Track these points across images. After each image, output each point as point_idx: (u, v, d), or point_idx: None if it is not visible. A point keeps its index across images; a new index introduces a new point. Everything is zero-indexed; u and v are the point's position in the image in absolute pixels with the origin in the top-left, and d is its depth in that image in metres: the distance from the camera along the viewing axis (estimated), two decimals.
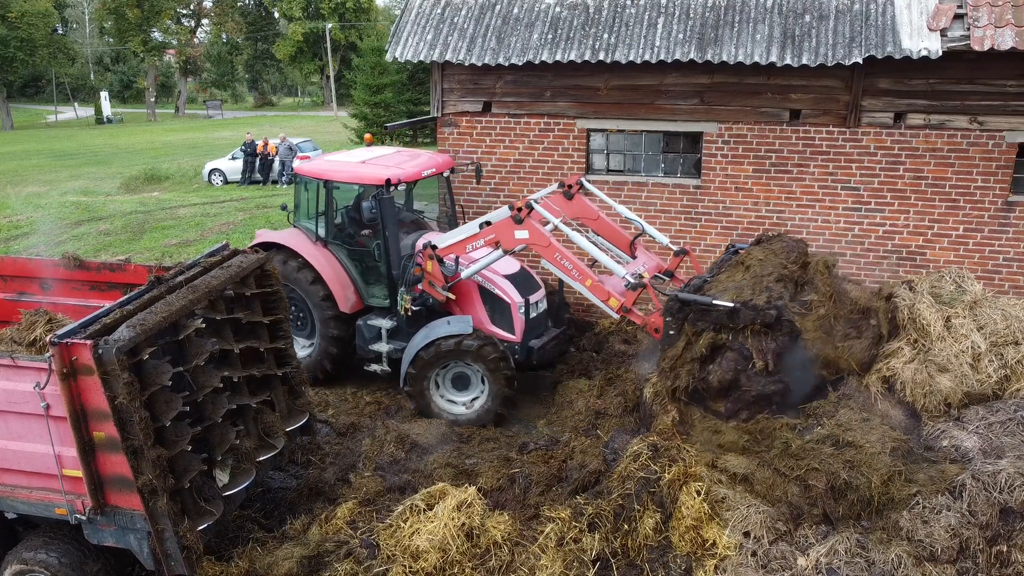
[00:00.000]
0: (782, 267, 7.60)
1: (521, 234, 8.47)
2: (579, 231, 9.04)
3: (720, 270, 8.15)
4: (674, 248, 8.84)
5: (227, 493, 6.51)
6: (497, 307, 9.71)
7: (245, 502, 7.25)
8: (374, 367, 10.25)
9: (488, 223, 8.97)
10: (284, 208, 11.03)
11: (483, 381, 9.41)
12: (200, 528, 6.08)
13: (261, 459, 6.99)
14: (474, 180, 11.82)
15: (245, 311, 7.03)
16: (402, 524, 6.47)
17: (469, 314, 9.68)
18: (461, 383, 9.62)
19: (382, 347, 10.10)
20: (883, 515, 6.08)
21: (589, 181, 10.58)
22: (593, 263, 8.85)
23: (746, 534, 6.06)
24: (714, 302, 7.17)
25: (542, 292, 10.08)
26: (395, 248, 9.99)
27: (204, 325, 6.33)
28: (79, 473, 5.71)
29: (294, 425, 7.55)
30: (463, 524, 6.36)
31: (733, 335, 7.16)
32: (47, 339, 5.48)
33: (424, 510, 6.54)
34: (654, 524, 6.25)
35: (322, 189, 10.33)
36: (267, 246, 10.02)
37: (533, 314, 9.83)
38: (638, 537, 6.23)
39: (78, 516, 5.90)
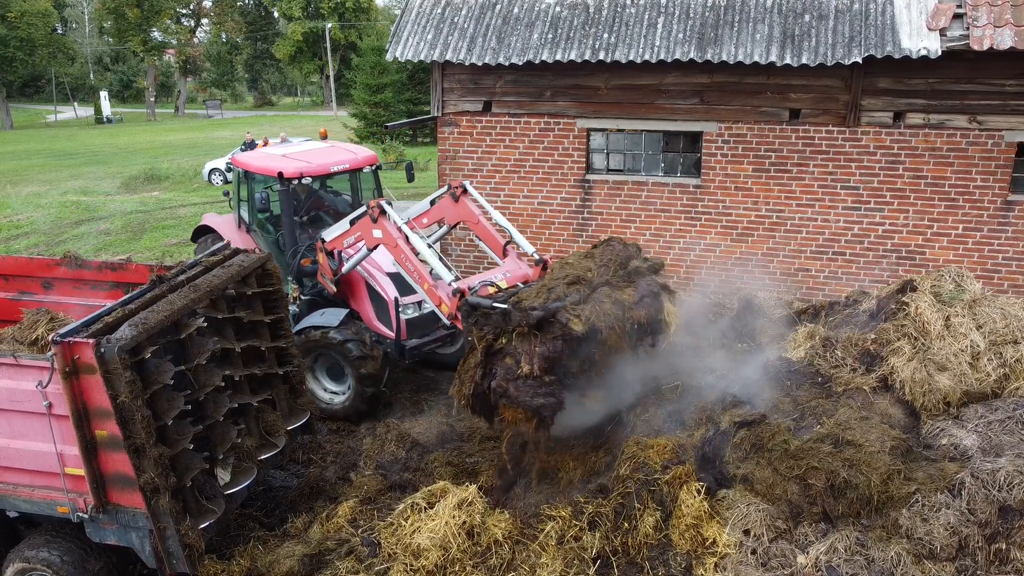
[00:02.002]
0: (587, 270, 7.27)
1: (376, 232, 8.69)
2: (494, 224, 9.04)
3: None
4: (536, 257, 8.74)
5: (228, 491, 6.53)
6: (380, 303, 9.88)
7: (246, 501, 7.28)
8: None
9: (353, 221, 9.14)
10: (227, 195, 11.72)
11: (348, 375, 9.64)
12: (202, 526, 6.10)
13: (262, 458, 7.02)
14: (471, 180, 11.82)
15: (246, 310, 7.05)
16: (403, 522, 6.49)
17: (359, 308, 9.95)
18: (337, 374, 9.82)
19: None
20: (882, 513, 6.09)
21: (591, 179, 10.57)
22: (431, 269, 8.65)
23: (746, 532, 6.08)
24: (493, 304, 6.82)
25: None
26: (290, 239, 10.37)
27: (205, 324, 6.35)
28: (81, 471, 5.72)
29: (295, 424, 7.58)
30: (464, 522, 6.38)
31: (509, 339, 6.77)
32: (49, 338, 5.49)
33: (425, 508, 6.56)
34: (654, 522, 6.27)
35: (244, 179, 10.96)
36: (204, 229, 11.46)
37: (415, 313, 9.83)
38: (638, 535, 6.25)
39: (80, 514, 5.91)
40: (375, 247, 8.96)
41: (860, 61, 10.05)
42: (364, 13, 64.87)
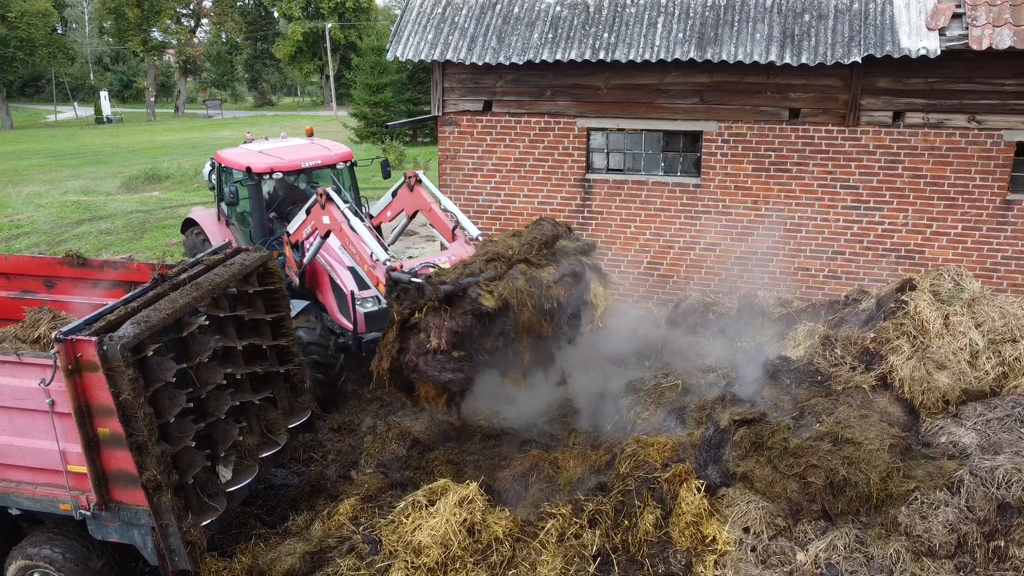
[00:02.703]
0: (508, 248, 7.26)
1: (325, 219, 8.98)
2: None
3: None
4: (481, 239, 8.89)
5: (230, 489, 6.55)
6: (341, 296, 9.98)
7: (248, 498, 7.29)
8: None
9: (308, 210, 9.43)
10: (212, 188, 11.98)
11: None
12: (203, 524, 6.12)
13: (264, 456, 7.05)
14: (471, 179, 11.89)
15: (247, 308, 7.07)
16: (404, 520, 6.51)
17: (324, 301, 10.14)
18: None
19: None
20: (882, 511, 6.12)
21: (591, 178, 10.59)
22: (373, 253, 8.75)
23: (745, 530, 6.11)
24: (411, 279, 6.92)
25: None
26: (259, 232, 10.79)
27: (207, 322, 6.38)
28: (84, 469, 5.75)
29: (296, 422, 7.60)
30: (464, 520, 6.40)
31: (423, 314, 6.84)
32: (52, 336, 5.52)
33: (426, 506, 6.58)
34: (654, 520, 6.30)
35: (221, 173, 11.32)
36: (191, 222, 11.94)
37: (374, 307, 9.88)
38: (638, 533, 6.27)
39: (82, 512, 5.94)
40: (327, 234, 9.19)
41: (860, 61, 10.08)
42: (364, 13, 64.87)
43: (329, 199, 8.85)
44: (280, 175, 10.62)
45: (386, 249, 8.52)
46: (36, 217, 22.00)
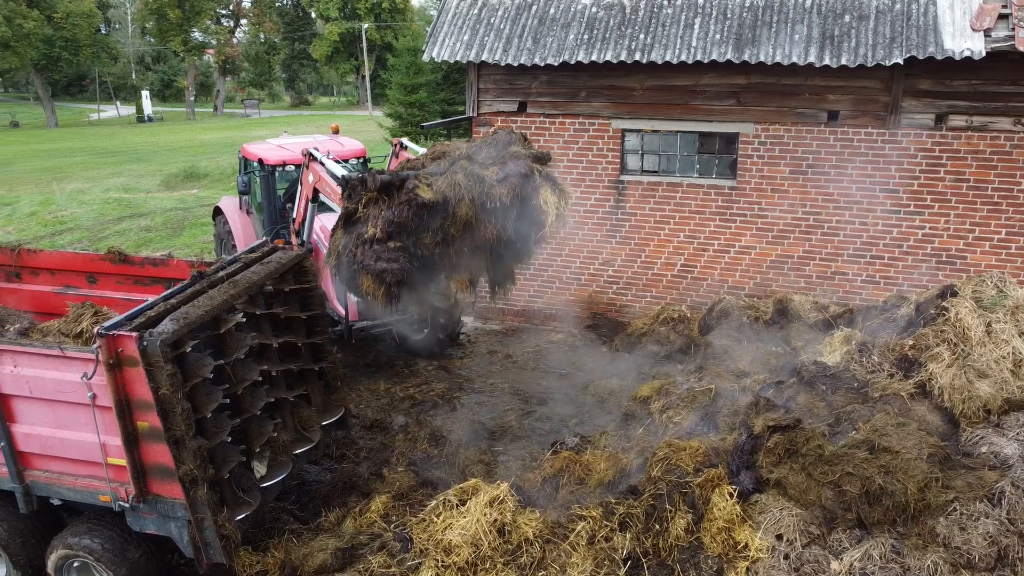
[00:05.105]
0: (456, 149, 7.39)
1: (310, 178, 9.34)
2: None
3: None
4: None
5: (264, 485, 6.64)
6: (337, 285, 10.08)
7: (281, 494, 7.37)
8: None
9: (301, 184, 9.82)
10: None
11: None
12: (238, 518, 6.21)
13: (297, 452, 7.12)
14: None
15: (283, 306, 7.15)
16: (435, 519, 6.54)
17: (324, 288, 10.18)
18: None
19: None
20: (919, 521, 6.00)
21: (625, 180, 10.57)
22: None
23: (778, 537, 6.03)
24: (359, 175, 7.08)
25: None
26: (269, 221, 11.42)
27: (244, 320, 6.46)
28: (123, 462, 5.85)
29: (329, 420, 7.67)
30: (495, 520, 6.41)
31: (363, 208, 6.97)
32: (94, 331, 5.63)
33: (456, 505, 6.60)
34: (685, 525, 6.24)
35: (243, 165, 12.14)
36: (219, 211, 12.66)
37: None
38: (669, 537, 6.23)
39: (121, 504, 6.04)
40: (314, 196, 9.45)
41: (901, 62, 9.90)
42: (400, 13, 65.30)
43: (313, 158, 9.18)
44: (292, 168, 11.05)
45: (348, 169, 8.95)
46: (79, 214, 22.50)
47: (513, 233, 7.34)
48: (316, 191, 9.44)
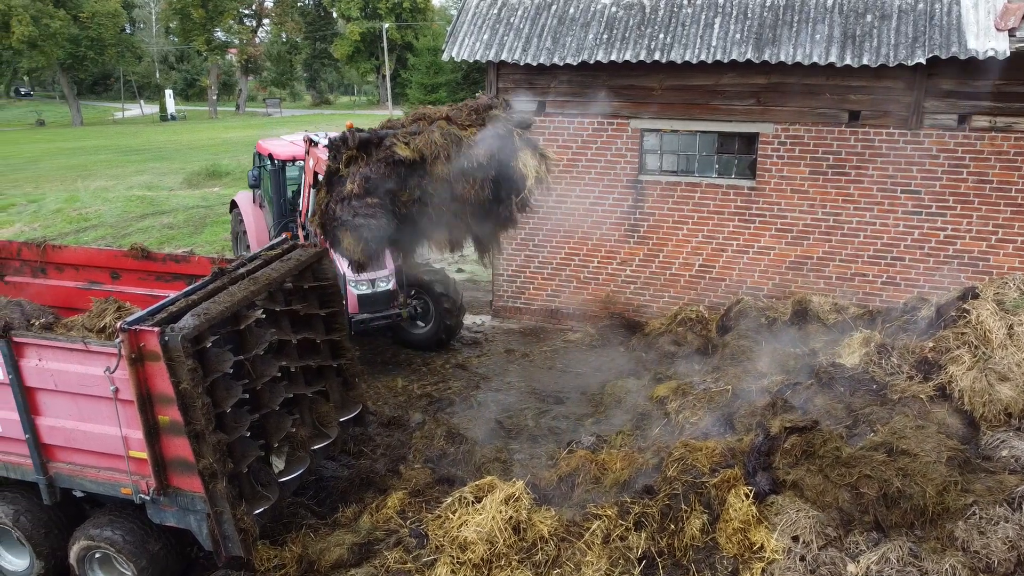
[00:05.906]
0: (437, 111, 7.46)
1: (311, 162, 9.49)
2: None
3: None
4: None
5: (282, 479, 6.70)
6: (341, 278, 10.18)
7: (299, 489, 7.44)
8: None
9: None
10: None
11: None
12: (256, 512, 6.27)
13: (315, 448, 7.19)
14: None
15: (302, 303, 7.22)
16: (450, 515, 6.57)
17: None
18: None
19: None
20: (937, 525, 5.95)
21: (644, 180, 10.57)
22: None
23: (794, 539, 6.00)
24: (343, 135, 7.17)
25: (385, 272, 10.44)
26: (277, 215, 11.67)
27: (263, 316, 6.53)
28: (144, 455, 5.93)
29: (347, 416, 7.73)
30: (510, 517, 6.42)
31: (344, 166, 7.12)
32: (117, 326, 5.71)
33: (472, 502, 6.62)
34: (701, 525, 6.23)
35: (257, 160, 12.40)
36: (235, 204, 13.05)
37: (368, 290, 10.20)
38: (684, 538, 6.21)
39: (142, 496, 6.13)
40: (315, 182, 9.39)
41: (924, 62, 9.81)
42: (420, 13, 65.53)
43: (313, 143, 9.29)
44: (301, 163, 11.15)
45: None
46: (103, 211, 22.80)
47: (491, 194, 7.44)
48: (316, 175, 9.53)
